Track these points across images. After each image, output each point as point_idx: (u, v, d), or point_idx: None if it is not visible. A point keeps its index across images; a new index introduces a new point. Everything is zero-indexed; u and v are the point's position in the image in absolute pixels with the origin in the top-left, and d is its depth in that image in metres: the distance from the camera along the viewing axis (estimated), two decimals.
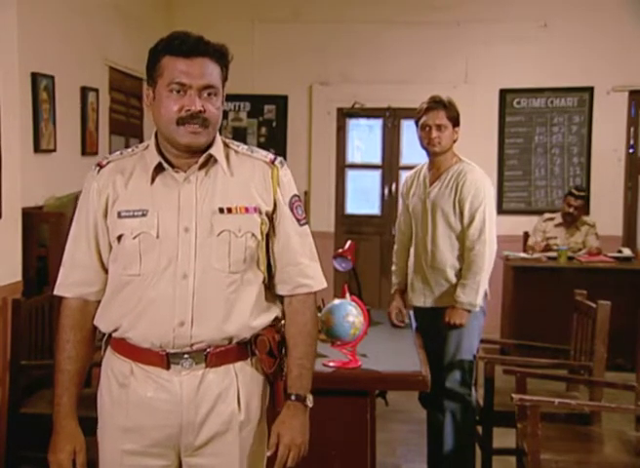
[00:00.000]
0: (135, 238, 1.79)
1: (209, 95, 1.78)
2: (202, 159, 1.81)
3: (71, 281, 1.88)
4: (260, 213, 1.84)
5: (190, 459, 1.84)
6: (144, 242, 1.79)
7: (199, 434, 1.82)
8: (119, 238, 1.82)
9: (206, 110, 1.76)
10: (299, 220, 1.91)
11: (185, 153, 1.81)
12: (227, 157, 1.86)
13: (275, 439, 1.86)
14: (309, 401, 1.89)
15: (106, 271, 1.87)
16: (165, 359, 1.80)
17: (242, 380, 1.85)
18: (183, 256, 1.79)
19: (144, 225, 1.79)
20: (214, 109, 1.78)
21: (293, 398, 1.88)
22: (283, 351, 1.90)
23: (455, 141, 3.51)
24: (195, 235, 1.79)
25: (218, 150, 1.84)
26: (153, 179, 1.82)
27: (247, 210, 1.82)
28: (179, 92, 1.75)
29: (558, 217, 6.13)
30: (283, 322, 1.93)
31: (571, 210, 6.01)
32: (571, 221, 6.07)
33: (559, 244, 5.99)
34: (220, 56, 1.81)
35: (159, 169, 1.82)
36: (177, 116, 1.75)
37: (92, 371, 2.97)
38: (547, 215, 6.22)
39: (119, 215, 1.81)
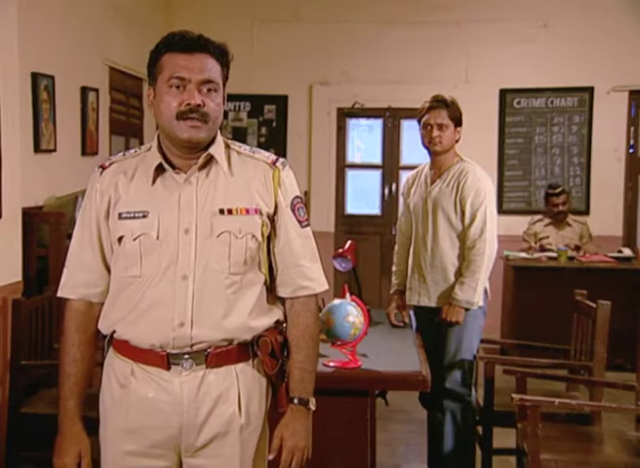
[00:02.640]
0: (135, 239, 1.79)
1: (208, 90, 1.78)
2: (202, 159, 1.81)
3: (75, 282, 1.88)
4: (261, 214, 1.84)
5: (191, 460, 1.84)
6: (145, 243, 1.79)
7: (200, 435, 1.81)
8: (120, 239, 1.82)
9: (205, 104, 1.76)
10: (300, 222, 1.90)
11: (186, 151, 1.81)
12: (229, 158, 1.86)
13: (278, 442, 1.86)
14: (312, 404, 1.89)
15: (110, 273, 1.87)
16: (165, 359, 1.79)
17: (243, 382, 1.84)
18: (183, 257, 1.78)
19: (145, 227, 1.79)
20: (213, 104, 1.78)
21: (295, 401, 1.88)
22: (285, 353, 1.90)
23: (457, 141, 3.52)
24: (195, 236, 1.79)
25: (218, 150, 1.84)
26: (154, 180, 1.82)
27: (247, 211, 1.82)
28: (178, 87, 1.76)
29: (545, 219, 6.12)
30: (285, 324, 1.93)
31: (559, 208, 5.99)
32: (563, 219, 6.05)
33: (552, 242, 5.99)
34: (220, 54, 1.81)
35: (160, 170, 1.82)
36: (176, 110, 1.75)
37: (93, 371, 2.97)
38: (536, 218, 6.22)
39: (120, 217, 1.82)
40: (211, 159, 1.83)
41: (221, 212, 1.80)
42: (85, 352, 1.87)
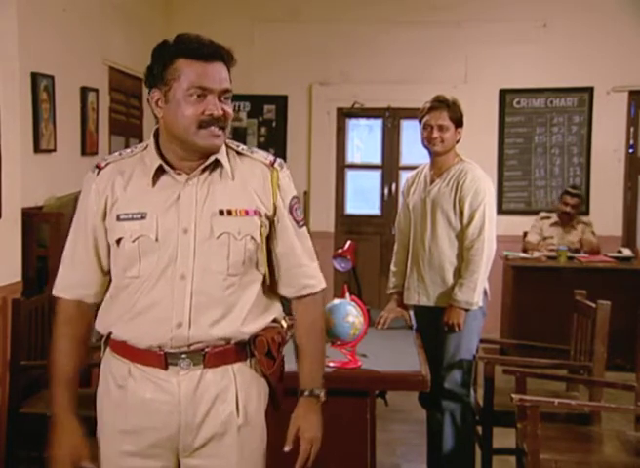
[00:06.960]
0: (134, 241, 1.79)
1: (225, 98, 1.79)
2: (208, 162, 1.81)
3: (70, 282, 1.88)
4: (260, 215, 1.84)
5: (189, 460, 1.84)
6: (143, 244, 1.79)
7: (198, 435, 1.81)
8: (118, 241, 1.81)
9: (225, 114, 1.78)
10: (297, 222, 1.91)
11: (195, 156, 1.80)
12: (228, 158, 1.85)
13: (294, 433, 1.88)
14: (323, 395, 1.93)
15: (104, 273, 1.87)
16: (163, 359, 1.79)
17: (240, 381, 1.84)
18: (182, 258, 1.78)
19: (144, 228, 1.79)
20: (230, 112, 1.80)
21: (306, 394, 1.91)
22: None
23: (457, 142, 3.52)
24: (194, 236, 1.79)
25: (222, 153, 1.84)
26: (154, 182, 1.81)
27: (247, 212, 1.82)
28: (199, 96, 1.75)
29: (554, 217, 6.13)
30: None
31: (568, 209, 6.02)
32: (567, 221, 6.07)
33: (556, 243, 6.00)
34: (230, 60, 1.82)
35: (160, 171, 1.82)
36: (198, 119, 1.75)
37: (92, 371, 2.97)
38: (543, 214, 6.23)
39: (118, 218, 1.81)
40: (214, 161, 1.83)
41: (221, 212, 1.80)
42: (74, 344, 1.86)
